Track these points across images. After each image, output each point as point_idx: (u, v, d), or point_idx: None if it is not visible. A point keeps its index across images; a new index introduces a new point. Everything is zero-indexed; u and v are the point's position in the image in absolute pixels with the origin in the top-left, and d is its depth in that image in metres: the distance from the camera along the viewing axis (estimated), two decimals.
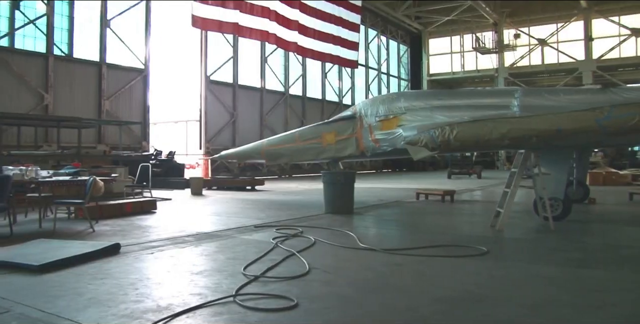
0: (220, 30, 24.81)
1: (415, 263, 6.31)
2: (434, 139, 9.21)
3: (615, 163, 28.46)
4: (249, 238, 8.24)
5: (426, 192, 15.36)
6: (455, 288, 5.15)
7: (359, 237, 8.07)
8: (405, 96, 12.85)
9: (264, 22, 25.82)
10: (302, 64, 34.17)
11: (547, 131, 8.32)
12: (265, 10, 25.86)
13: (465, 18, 43.39)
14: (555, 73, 43.93)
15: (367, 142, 12.68)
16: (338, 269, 5.99)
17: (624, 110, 7.85)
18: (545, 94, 11.44)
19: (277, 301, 4.62)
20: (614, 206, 13.95)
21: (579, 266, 6.25)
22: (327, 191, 11.65)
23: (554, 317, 4.24)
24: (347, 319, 4.17)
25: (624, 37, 40.49)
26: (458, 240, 7.95)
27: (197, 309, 4.39)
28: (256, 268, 5.91)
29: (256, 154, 15.10)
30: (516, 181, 8.98)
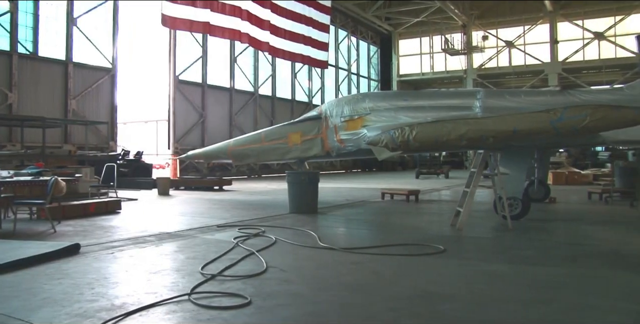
0: (191, 30, 24.69)
1: (373, 262, 6.43)
2: (394, 139, 9.35)
3: (578, 163, 29.07)
4: (211, 238, 8.28)
5: (391, 192, 15.53)
6: (409, 285, 5.28)
7: (320, 236, 8.16)
8: (370, 97, 12.99)
9: (235, 22, 25.74)
10: (272, 64, 34.17)
11: (503, 132, 8.52)
12: (236, 9, 25.77)
13: (435, 20, 43.87)
14: (522, 74, 44.62)
15: (333, 143, 12.77)
16: (295, 268, 6.08)
17: (575, 111, 8.07)
18: (506, 96, 11.72)
19: (231, 299, 4.69)
20: (573, 204, 14.28)
21: (531, 263, 6.43)
22: (291, 191, 11.73)
23: (500, 312, 4.38)
24: (297, 316, 4.26)
25: (588, 41, 41.33)
26: (418, 239, 8.10)
27: (150, 307, 4.45)
28: (214, 267, 5.97)
29: (222, 154, 15.10)
30: (475, 181, 9.18)
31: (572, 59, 41.83)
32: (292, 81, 36.80)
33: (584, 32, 41.50)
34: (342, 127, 12.60)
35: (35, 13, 20.76)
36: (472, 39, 45.01)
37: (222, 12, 24.95)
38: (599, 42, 40.92)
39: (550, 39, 42.38)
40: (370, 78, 48.48)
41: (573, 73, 42.16)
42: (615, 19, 40.33)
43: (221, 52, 30.26)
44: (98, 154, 19.65)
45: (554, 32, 42.34)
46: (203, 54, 28.78)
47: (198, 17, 23.87)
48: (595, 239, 8.63)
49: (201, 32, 25.81)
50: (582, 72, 42.95)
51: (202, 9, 23.99)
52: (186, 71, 27.77)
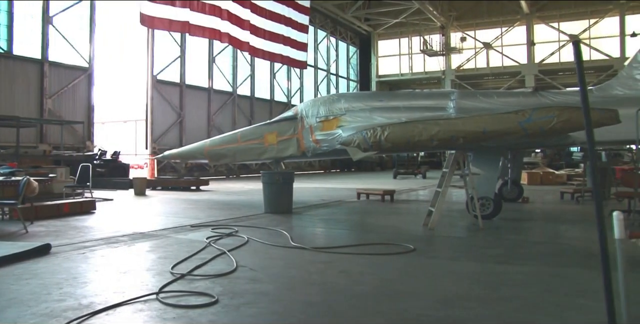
0: (170, 29, 24.54)
1: (342, 261, 6.50)
2: (367, 140, 9.43)
3: (553, 164, 29.47)
4: (184, 238, 8.30)
5: (367, 192, 15.63)
6: (375, 284, 5.37)
7: (292, 236, 8.23)
8: (345, 97, 13.06)
9: (215, 21, 25.65)
10: (251, 64, 34.16)
11: (473, 132, 8.65)
12: (216, 9, 25.69)
13: (414, 21, 44.14)
14: (500, 76, 45.14)
15: (308, 143, 12.83)
16: (265, 268, 6.13)
17: (543, 113, 8.23)
18: (479, 97, 11.89)
19: (198, 298, 4.75)
20: (545, 204, 14.50)
21: (498, 261, 6.55)
22: (266, 191, 11.79)
23: (462, 310, 4.48)
24: (262, 315, 4.32)
25: (563, 43, 41.94)
26: (390, 238, 8.20)
27: (117, 306, 4.48)
28: (185, 267, 6.01)
29: (199, 154, 15.08)
30: (447, 181, 9.31)
31: (549, 61, 42.45)
32: (271, 81, 36.80)
33: (559, 35, 42.11)
34: (317, 127, 12.67)
35: (10, 11, 20.52)
36: (450, 40, 45.39)
37: (201, 12, 24.85)
38: None
39: (527, 41, 42.95)
40: (349, 78, 48.64)
41: (549, 75, 42.74)
42: (589, 22, 41.04)
43: (199, 52, 30.19)
44: (74, 154, 19.52)
45: (531, 34, 42.90)
46: (181, 54, 28.68)
47: (177, 16, 23.76)
48: (564, 238, 8.80)
49: (180, 32, 25.66)
50: (558, 74, 43.55)
51: (181, 8, 23.88)
52: (164, 71, 27.66)
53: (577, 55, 2.78)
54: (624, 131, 10.34)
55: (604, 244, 2.37)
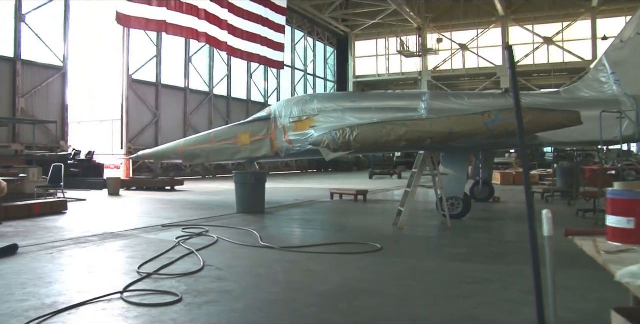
0: (146, 28, 24.31)
1: (309, 260, 6.59)
2: (336, 140, 9.54)
3: None
4: (153, 238, 8.32)
5: (340, 192, 15.75)
6: (338, 282, 5.46)
7: (262, 236, 8.29)
8: (318, 98, 13.16)
9: (192, 21, 25.53)
10: (228, 64, 34.11)
11: (440, 133, 8.80)
12: (193, 8, 25.56)
13: (391, 22, 44.37)
14: (476, 77, 45.59)
15: (281, 143, 12.89)
16: (231, 267, 6.19)
17: (508, 114, 8.42)
18: (450, 98, 12.07)
19: (163, 297, 4.78)
20: (515, 204, 14.73)
21: (462, 260, 6.69)
22: (238, 191, 11.84)
23: (421, 307, 4.59)
24: (223, 313, 4.38)
25: (537, 45, 42.55)
26: (359, 238, 8.29)
27: (81, 306, 4.50)
28: (152, 266, 6.04)
29: (172, 154, 15.04)
30: (416, 181, 9.44)
31: (523, 63, 42.92)
32: (247, 81, 36.79)
33: (534, 37, 42.69)
34: (290, 128, 12.74)
35: None
36: (427, 42, 45.70)
37: (179, 11, 24.71)
38: (548, 46, 42.22)
39: (502, 42, 43.40)
40: (326, 79, 48.77)
41: (524, 76, 43.26)
42: (563, 25, 41.69)
43: (176, 51, 30.08)
44: (46, 154, 19.34)
45: (506, 36, 43.39)
46: (157, 53, 28.56)
47: (154, 15, 23.56)
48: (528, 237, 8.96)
49: (157, 31, 25.48)
50: (532, 75, 44.13)
51: (158, 7, 23.71)
52: (140, 70, 27.54)
53: (510, 61, 2.90)
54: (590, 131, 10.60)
55: (534, 242, 2.50)
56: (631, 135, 11.05)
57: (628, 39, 11.73)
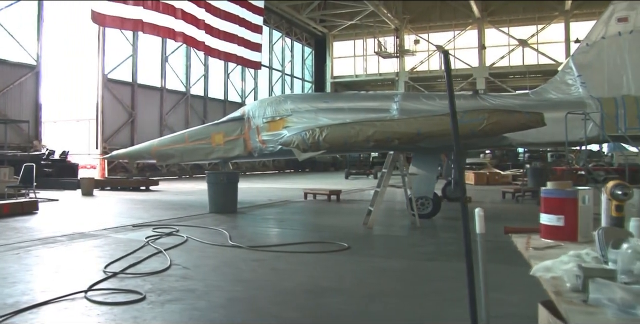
0: (122, 27, 24.09)
1: (275, 259, 6.66)
2: (305, 140, 9.63)
3: (500, 164, 30.27)
4: (123, 237, 8.33)
5: (314, 192, 15.85)
6: (302, 281, 5.54)
7: (232, 235, 8.34)
8: (291, 99, 13.25)
9: (169, 20, 25.39)
10: (205, 64, 34.02)
11: (407, 134, 8.94)
12: (170, 7, 25.43)
13: (368, 23, 44.57)
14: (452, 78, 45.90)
15: (255, 143, 12.95)
16: (198, 266, 6.24)
17: (473, 115, 8.58)
18: (422, 99, 12.24)
19: (127, 296, 4.82)
20: (487, 204, 14.93)
21: (427, 259, 6.81)
22: (210, 191, 11.89)
23: (380, 304, 4.68)
24: (185, 310, 4.43)
25: (513, 47, 43.10)
26: (329, 237, 8.37)
27: (43, 305, 4.51)
28: (119, 266, 6.05)
29: (146, 154, 15.01)
30: (385, 181, 9.56)
31: (499, 64, 43.50)
32: (225, 81, 36.73)
33: (509, 39, 43.24)
34: (264, 128, 12.81)
35: None
36: (404, 43, 46.01)
37: (155, 10, 24.56)
38: (523, 49, 42.80)
39: (479, 44, 43.90)
40: (304, 79, 48.85)
41: (499, 78, 43.81)
42: (537, 27, 42.27)
43: (152, 51, 29.94)
44: (18, 153, 19.15)
45: (482, 38, 43.87)
46: (133, 53, 28.40)
47: (130, 14, 23.39)
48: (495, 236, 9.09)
49: (133, 30, 25.29)
50: (508, 77, 44.69)
51: (134, 6, 23.54)
52: (115, 70, 27.37)
53: (446, 65, 3.01)
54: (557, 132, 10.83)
55: (467, 239, 2.61)
56: (596, 136, 11.33)
57: (593, 42, 11.99)
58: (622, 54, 11.72)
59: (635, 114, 11.17)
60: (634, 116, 11.18)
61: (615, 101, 11.39)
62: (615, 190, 2.24)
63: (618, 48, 11.78)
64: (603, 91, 11.70)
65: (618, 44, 11.79)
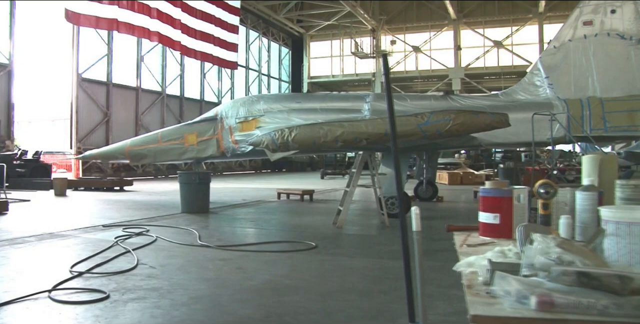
0: (97, 27, 23.91)
1: (242, 258, 6.73)
2: (274, 140, 9.72)
3: (475, 164, 30.64)
4: (92, 237, 8.33)
5: (287, 192, 15.93)
6: (266, 279, 5.62)
7: (201, 235, 8.40)
8: (264, 99, 13.32)
9: (144, 20, 25.27)
10: (181, 64, 33.86)
11: (375, 134, 9.07)
12: (145, 7, 25.32)
13: (345, 23, 44.70)
14: (428, 78, 46.35)
15: (228, 143, 12.99)
16: (164, 265, 6.28)
17: (440, 116, 8.74)
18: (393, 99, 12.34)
19: (91, 295, 4.85)
20: (458, 203, 15.16)
21: (392, 257, 6.91)
22: (182, 191, 11.91)
23: (340, 302, 4.78)
24: (147, 308, 4.48)
25: (488, 48, 43.62)
26: (297, 237, 8.47)
27: (5, 305, 4.52)
28: (86, 265, 6.08)
29: (119, 154, 14.95)
30: (354, 181, 9.67)
31: (474, 65, 44.00)
32: (201, 80, 36.60)
33: (484, 40, 43.74)
34: (236, 128, 12.86)
35: None
36: (380, 43, 46.26)
37: (130, 9, 24.44)
38: (498, 50, 43.34)
39: (454, 45, 44.34)
40: (281, 79, 48.85)
41: (475, 78, 44.30)
42: (512, 29, 42.84)
43: (128, 50, 29.72)
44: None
45: (458, 39, 44.31)
46: (108, 52, 28.17)
47: (104, 13, 23.26)
48: None
49: (108, 29, 25.14)
50: (483, 77, 45.19)
51: (108, 5, 23.39)
52: (90, 69, 27.09)
53: (385, 68, 3.12)
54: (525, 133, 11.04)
55: (405, 237, 2.72)
56: (562, 136, 11.57)
57: (560, 45, 12.24)
58: (588, 57, 11.99)
59: (600, 115, 11.44)
60: (599, 117, 11.45)
61: (581, 102, 11.66)
62: (540, 189, 2.36)
63: (584, 50, 12.05)
64: (570, 93, 11.95)
65: (584, 46, 12.05)
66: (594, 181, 2.56)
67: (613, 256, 1.82)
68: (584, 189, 2.45)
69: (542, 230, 2.01)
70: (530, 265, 1.53)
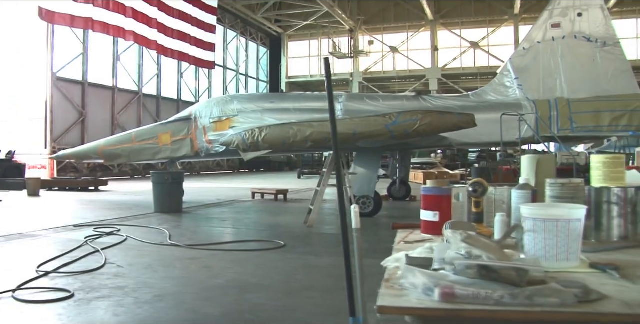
0: (72, 25, 23.71)
1: (210, 257, 6.81)
2: (245, 140, 9.80)
3: (450, 164, 30.92)
4: (63, 237, 8.34)
5: (261, 192, 16.00)
6: (231, 278, 5.69)
7: (172, 234, 8.45)
8: (238, 99, 13.38)
9: (119, 19, 25.12)
10: (158, 63, 33.70)
11: (344, 134, 9.18)
12: (120, 6, 25.17)
13: (323, 23, 44.81)
14: (406, 79, 46.63)
15: (201, 143, 13.02)
16: (132, 264, 6.33)
17: (407, 116, 8.88)
18: (366, 100, 12.54)
19: (55, 294, 4.89)
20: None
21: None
22: (155, 191, 11.92)
23: (302, 299, 4.89)
24: (110, 307, 4.54)
25: (465, 49, 44.08)
26: (268, 236, 8.55)
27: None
28: (54, 265, 6.10)
29: (93, 154, 14.89)
30: (324, 180, 9.78)
31: (451, 66, 44.42)
32: (178, 80, 36.45)
33: (461, 41, 44.20)
34: (210, 128, 12.89)
35: None
36: (358, 44, 46.46)
37: (105, 8, 24.28)
38: (474, 51, 43.81)
39: (431, 46, 44.69)
40: (259, 79, 48.83)
41: (452, 79, 44.70)
42: (488, 30, 43.35)
43: (104, 49, 29.50)
44: None
45: (435, 39, 44.68)
46: (84, 51, 27.93)
47: (80, 12, 23.08)
48: None
49: (83, 28, 24.96)
50: (460, 78, 45.61)
51: (83, 3, 23.20)
52: (65, 68, 26.86)
53: (326, 71, 3.21)
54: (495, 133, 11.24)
55: (345, 235, 2.83)
56: (531, 137, 11.80)
57: (530, 47, 12.49)
58: (556, 59, 12.24)
59: (567, 116, 11.69)
60: (566, 117, 11.70)
61: (549, 103, 11.91)
62: (469, 188, 2.49)
63: (552, 52, 12.30)
64: (538, 94, 12.20)
65: (552, 48, 12.31)
66: (529, 180, 2.69)
67: (531, 250, 1.94)
68: (519, 188, 2.58)
69: (468, 227, 2.13)
70: (441, 260, 1.64)
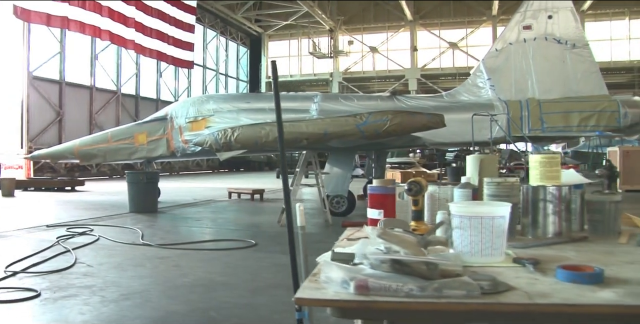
0: (48, 24, 23.51)
1: (181, 256, 6.88)
2: (217, 140, 9.88)
3: (428, 163, 31.19)
4: (34, 237, 8.36)
5: (238, 191, 16.06)
6: (199, 276, 5.78)
7: (145, 234, 8.51)
8: (214, 99, 13.45)
9: (95, 18, 24.98)
10: (136, 63, 33.54)
11: (315, 134, 9.30)
12: (96, 5, 25.04)
13: (303, 23, 44.89)
14: (385, 79, 46.85)
15: (177, 143, 13.05)
16: (102, 264, 6.38)
17: (378, 116, 9.03)
18: (341, 100, 12.68)
19: (22, 293, 4.93)
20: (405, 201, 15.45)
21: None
22: (130, 191, 11.94)
23: (267, 297, 4.99)
24: (77, 305, 4.60)
25: (443, 50, 44.44)
26: (241, 235, 8.64)
27: None
28: (23, 265, 6.13)
29: (69, 154, 14.86)
30: (297, 180, 9.88)
31: (430, 66, 44.78)
32: (157, 80, 36.30)
33: (440, 42, 44.56)
34: (186, 128, 12.94)
35: None
36: (338, 44, 46.62)
37: (81, 7, 24.14)
38: (453, 51, 44.21)
39: (411, 46, 45.00)
40: (239, 79, 48.77)
41: (431, 79, 45.02)
42: (466, 31, 43.80)
43: (81, 48, 29.26)
44: None
45: (414, 40, 44.99)
46: (61, 50, 27.72)
47: (56, 11, 22.92)
48: None
49: (59, 27, 24.77)
50: (439, 78, 45.94)
51: (60, 2, 23.04)
52: (42, 67, 26.62)
53: (273, 74, 3.32)
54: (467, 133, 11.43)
55: (290, 232, 2.94)
56: (502, 137, 12.02)
57: (502, 48, 12.71)
58: (527, 60, 12.49)
59: (538, 116, 11.94)
60: (537, 117, 11.95)
61: (520, 103, 12.15)
62: (405, 186, 2.61)
63: (524, 54, 12.54)
64: (510, 94, 12.44)
65: (524, 50, 12.55)
66: (471, 179, 2.82)
67: (458, 246, 2.05)
68: (461, 187, 2.70)
69: (401, 224, 2.24)
70: (361, 255, 1.74)
